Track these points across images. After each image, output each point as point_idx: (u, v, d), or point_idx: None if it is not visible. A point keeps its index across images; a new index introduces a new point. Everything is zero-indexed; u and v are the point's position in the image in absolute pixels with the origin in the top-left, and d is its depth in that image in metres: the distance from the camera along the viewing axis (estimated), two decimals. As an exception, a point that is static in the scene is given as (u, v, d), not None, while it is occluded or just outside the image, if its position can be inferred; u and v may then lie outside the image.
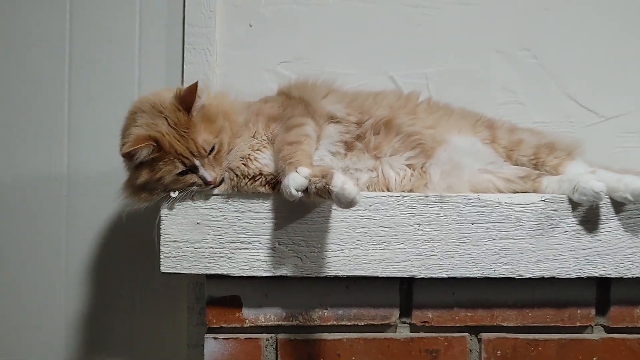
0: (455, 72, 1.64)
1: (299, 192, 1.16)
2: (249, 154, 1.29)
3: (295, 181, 1.16)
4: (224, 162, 1.28)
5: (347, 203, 1.13)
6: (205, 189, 1.27)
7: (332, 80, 1.46)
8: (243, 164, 1.28)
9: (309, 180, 1.17)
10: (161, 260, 1.27)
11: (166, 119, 1.25)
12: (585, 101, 1.66)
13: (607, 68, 1.66)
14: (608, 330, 1.39)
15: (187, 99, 1.24)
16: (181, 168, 1.24)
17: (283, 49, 1.63)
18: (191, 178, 1.26)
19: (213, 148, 1.26)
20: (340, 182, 1.13)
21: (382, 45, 1.64)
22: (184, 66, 1.58)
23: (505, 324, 1.37)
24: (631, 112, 1.66)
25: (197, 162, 1.25)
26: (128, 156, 1.24)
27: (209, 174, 1.25)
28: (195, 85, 1.24)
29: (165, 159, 1.24)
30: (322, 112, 1.35)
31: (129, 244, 1.66)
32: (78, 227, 1.66)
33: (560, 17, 1.66)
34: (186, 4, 1.58)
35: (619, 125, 1.67)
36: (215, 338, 1.34)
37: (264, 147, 1.30)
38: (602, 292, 1.38)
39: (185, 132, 1.24)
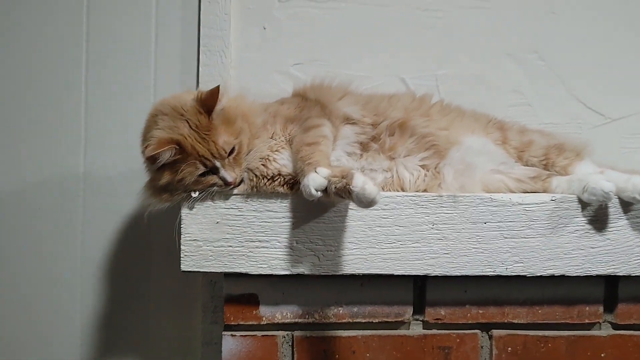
0: (465, 74, 1.67)
1: (319, 192, 1.19)
2: (268, 155, 1.31)
3: (315, 181, 1.19)
4: (244, 162, 1.31)
5: (368, 203, 1.16)
6: (225, 190, 1.30)
7: (347, 83, 1.49)
8: (262, 164, 1.31)
9: (329, 181, 1.19)
10: (181, 258, 1.30)
11: (187, 122, 1.27)
12: (592, 103, 1.69)
13: (613, 70, 1.69)
14: (615, 327, 1.42)
15: (208, 102, 1.27)
16: (202, 169, 1.27)
17: (296, 51, 1.66)
18: (212, 179, 1.28)
19: (233, 149, 1.28)
20: (361, 183, 1.15)
21: (394, 48, 1.67)
22: (200, 68, 1.60)
23: (515, 321, 1.40)
24: (637, 114, 1.70)
25: (217, 164, 1.27)
26: (151, 159, 1.26)
27: (229, 175, 1.28)
28: (217, 88, 1.26)
29: (187, 161, 1.26)
30: (338, 113, 1.38)
31: (143, 244, 1.69)
32: (94, 227, 1.69)
33: (568, 20, 1.69)
34: (201, 6, 1.61)
35: (625, 126, 1.70)
36: (232, 335, 1.37)
37: (282, 147, 1.33)
38: (610, 289, 1.41)
39: (206, 134, 1.26)
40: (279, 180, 1.31)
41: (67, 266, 1.69)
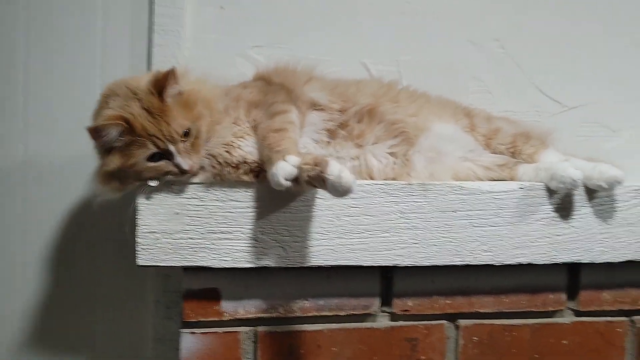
0: (428, 60, 1.64)
1: (288, 182, 1.13)
2: (232, 141, 1.24)
3: (284, 170, 1.12)
4: (202, 149, 1.22)
5: (344, 191, 1.10)
6: (182, 178, 1.21)
7: (312, 67, 1.43)
8: (226, 151, 1.23)
9: (300, 169, 1.13)
10: (137, 252, 1.20)
11: (139, 102, 1.18)
12: (550, 91, 1.70)
13: (571, 59, 1.70)
14: (577, 314, 1.43)
15: (161, 82, 1.18)
16: (153, 150, 1.17)
17: (256, 33, 1.57)
18: (166, 166, 1.19)
19: (189, 133, 1.20)
20: (337, 171, 1.09)
21: (356, 32, 1.61)
22: (153, 48, 1.49)
23: (482, 311, 1.39)
24: (593, 103, 1.72)
25: (171, 148, 1.18)
26: (96, 134, 1.16)
27: (185, 162, 1.19)
28: (170, 71, 1.18)
29: (138, 142, 1.17)
30: (305, 99, 1.32)
31: (90, 236, 1.57)
32: (36, 219, 1.55)
33: (528, 9, 1.68)
34: (154, -17, 1.50)
35: (581, 114, 1.72)
36: (192, 333, 1.28)
37: (247, 134, 1.25)
38: (573, 277, 1.42)
39: (159, 115, 1.18)
40: (244, 168, 1.23)
41: (6, 261, 1.56)
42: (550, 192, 1.33)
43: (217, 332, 1.29)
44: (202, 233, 1.23)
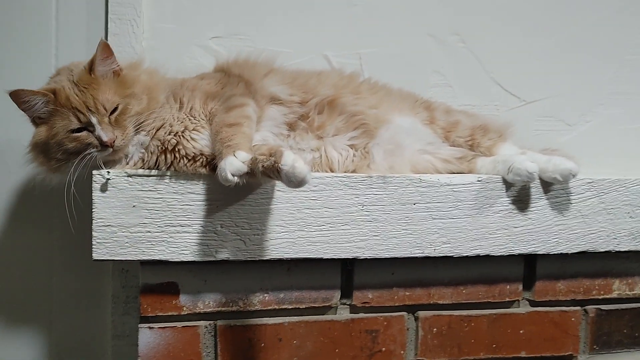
0: (389, 53, 1.64)
1: (235, 178, 1.11)
2: (183, 133, 1.22)
3: (232, 165, 1.11)
4: (129, 126, 1.20)
5: (298, 182, 1.09)
6: (104, 154, 1.19)
7: (273, 59, 1.42)
8: (175, 139, 1.22)
9: (256, 159, 1.12)
10: (93, 246, 1.18)
11: (72, 76, 1.20)
12: (509, 86, 1.72)
13: (529, 54, 1.72)
14: (533, 304, 1.46)
15: (92, 59, 1.20)
16: (76, 123, 1.18)
17: (215, 23, 1.55)
18: (87, 137, 1.18)
19: (116, 109, 1.19)
20: (291, 161, 1.08)
21: (318, 24, 1.61)
22: (108, 37, 1.46)
23: (441, 302, 1.40)
24: (549, 97, 1.75)
25: (93, 119, 1.18)
26: (15, 98, 1.18)
27: (105, 134, 1.17)
28: (99, 45, 1.20)
29: (61, 112, 1.18)
30: (264, 92, 1.30)
31: (42, 227, 1.53)
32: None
33: (488, 3, 1.70)
34: (110, -30, 1.46)
35: (538, 109, 1.75)
36: (150, 328, 1.27)
37: (202, 127, 1.23)
38: (528, 268, 1.45)
39: (85, 87, 1.19)
40: (201, 160, 1.22)
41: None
42: (508, 184, 1.35)
43: (175, 326, 1.28)
44: (159, 226, 1.21)
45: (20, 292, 1.55)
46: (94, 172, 1.18)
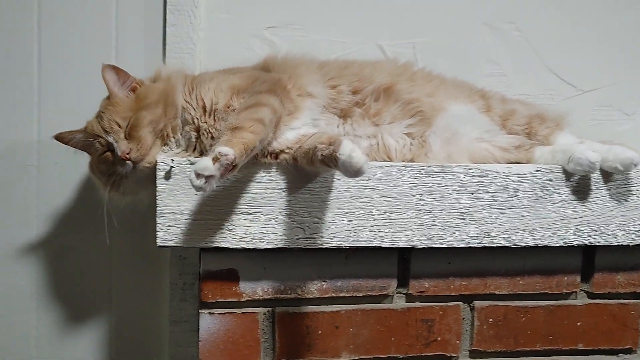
0: (443, 42, 1.63)
1: (199, 180, 1.02)
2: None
3: (199, 163, 1.03)
4: (145, 136, 1.24)
5: (354, 172, 1.09)
6: (127, 169, 1.24)
7: (315, 55, 1.42)
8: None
9: (315, 147, 1.13)
10: (157, 232, 1.20)
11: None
12: (565, 75, 1.69)
13: (586, 42, 1.70)
14: (591, 296, 1.43)
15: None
16: (100, 148, 1.28)
17: (270, 13, 1.56)
18: (111, 156, 1.26)
19: (129, 123, 1.24)
20: (349, 150, 1.08)
21: (372, 14, 1.61)
22: (167, 28, 1.48)
23: (497, 292, 1.39)
24: (606, 86, 1.71)
25: (110, 138, 1.25)
26: (60, 140, 1.32)
27: (118, 148, 1.24)
28: (102, 70, 1.27)
29: (91, 142, 1.29)
30: (302, 91, 1.29)
31: (103, 216, 1.56)
32: (49, 200, 1.55)
33: (545, -9, 1.68)
34: (168, -38, 1.49)
35: (595, 98, 1.71)
36: (210, 313, 1.29)
37: None
38: (587, 259, 1.43)
39: (103, 113, 1.27)
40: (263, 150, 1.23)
41: (21, 241, 1.56)
42: (567, 174, 1.33)
43: (235, 312, 1.30)
44: (221, 214, 1.22)
45: (81, 281, 1.60)
46: (158, 159, 1.21)
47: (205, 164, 1.02)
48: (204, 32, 1.53)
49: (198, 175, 1.02)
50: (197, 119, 1.26)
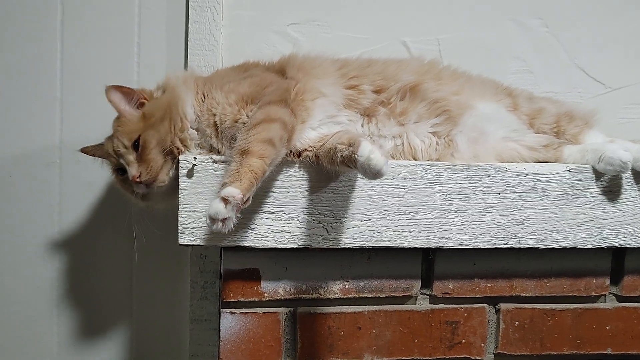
0: (468, 39, 1.60)
1: (216, 225, 1.03)
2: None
3: (212, 208, 1.02)
4: (156, 157, 1.23)
5: (373, 174, 1.07)
6: (140, 189, 1.25)
7: (339, 54, 1.38)
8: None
9: (335, 148, 1.11)
10: (179, 231, 1.19)
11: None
12: (593, 72, 1.66)
13: (615, 39, 1.66)
14: (620, 299, 1.40)
15: None
16: (114, 166, 1.31)
17: (292, 10, 1.55)
18: (125, 176, 1.28)
19: (137, 144, 1.23)
20: (367, 152, 1.05)
21: (396, 10, 1.59)
22: (189, 25, 1.48)
23: (523, 295, 1.36)
24: (636, 84, 1.67)
25: (122, 160, 1.25)
26: (86, 153, 1.36)
27: (129, 171, 1.24)
28: (106, 92, 1.26)
29: (109, 161, 1.33)
30: (316, 94, 1.25)
31: (124, 215, 1.56)
32: (71, 199, 1.56)
33: (572, -14, 1.64)
34: (190, -41, 1.48)
35: (625, 96, 1.67)
36: (232, 313, 1.28)
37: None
38: (617, 261, 1.39)
39: (113, 134, 1.29)
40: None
41: (44, 240, 1.57)
42: (597, 174, 1.30)
43: (257, 312, 1.29)
44: (243, 213, 1.20)
45: (103, 279, 1.60)
46: (181, 157, 1.20)
47: (217, 208, 1.02)
48: (226, 29, 1.52)
49: (213, 221, 1.02)
50: (209, 137, 1.24)
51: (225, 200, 1.02)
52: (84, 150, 1.36)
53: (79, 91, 1.54)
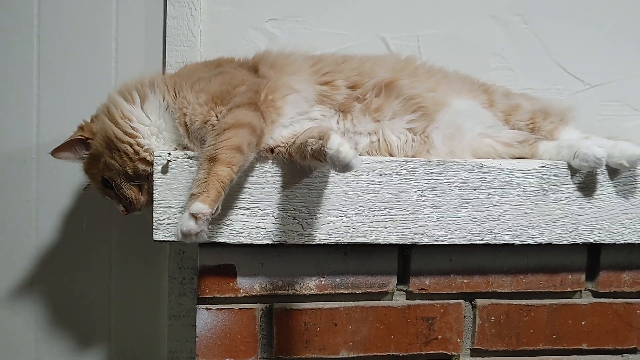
0: (448, 35, 1.60)
1: (191, 238, 1.05)
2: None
3: (182, 224, 1.04)
4: (128, 192, 1.26)
5: (343, 167, 1.07)
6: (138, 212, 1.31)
7: (315, 50, 1.38)
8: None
9: (306, 142, 1.11)
10: (154, 227, 1.19)
11: None
12: (572, 69, 1.66)
13: (594, 36, 1.66)
14: (596, 295, 1.41)
15: None
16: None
17: (272, 6, 1.54)
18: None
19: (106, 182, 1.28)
20: (336, 144, 1.05)
21: (375, 6, 1.58)
22: (167, 21, 1.47)
23: (499, 290, 1.37)
24: (614, 81, 1.68)
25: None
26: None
27: (118, 209, 1.30)
28: (53, 155, 1.31)
29: None
30: (285, 91, 1.25)
31: (102, 214, 1.56)
32: (49, 200, 1.55)
33: (552, -17, 1.65)
34: (168, -47, 1.47)
35: (603, 93, 1.68)
36: (208, 309, 1.28)
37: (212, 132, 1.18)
38: (592, 257, 1.40)
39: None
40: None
41: (21, 241, 1.56)
42: (573, 171, 1.31)
43: (233, 308, 1.29)
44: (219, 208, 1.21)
45: (81, 275, 1.59)
46: (155, 153, 1.20)
47: (189, 226, 1.03)
48: (204, 25, 1.51)
49: (186, 236, 1.04)
50: (182, 136, 1.23)
51: (195, 216, 1.03)
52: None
53: (56, 87, 1.52)
